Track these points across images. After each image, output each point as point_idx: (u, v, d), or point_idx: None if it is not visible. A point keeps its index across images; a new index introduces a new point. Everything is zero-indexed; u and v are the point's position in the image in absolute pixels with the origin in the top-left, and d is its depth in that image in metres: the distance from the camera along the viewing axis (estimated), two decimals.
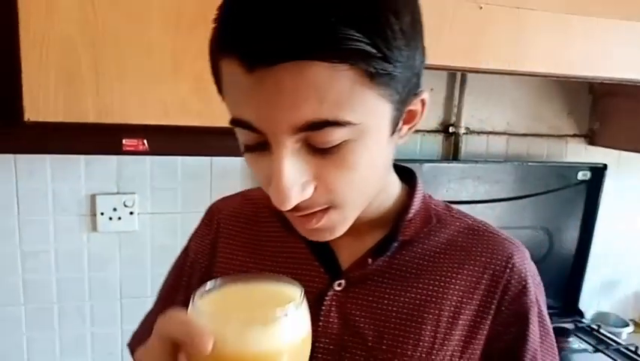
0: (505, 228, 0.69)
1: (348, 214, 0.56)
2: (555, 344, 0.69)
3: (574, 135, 1.81)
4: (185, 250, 0.78)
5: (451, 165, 1.63)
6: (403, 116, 0.54)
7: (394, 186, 0.67)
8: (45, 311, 1.39)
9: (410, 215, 0.65)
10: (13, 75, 0.89)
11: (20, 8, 0.88)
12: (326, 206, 0.53)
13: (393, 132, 0.54)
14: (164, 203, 1.44)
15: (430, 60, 1.13)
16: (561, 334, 1.68)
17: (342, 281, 0.64)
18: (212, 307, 0.45)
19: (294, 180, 0.49)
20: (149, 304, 0.79)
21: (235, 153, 1.09)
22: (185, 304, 0.73)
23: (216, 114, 0.98)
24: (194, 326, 0.43)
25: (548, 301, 0.69)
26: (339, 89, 0.46)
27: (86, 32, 0.92)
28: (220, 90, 0.53)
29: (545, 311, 0.68)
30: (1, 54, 0.89)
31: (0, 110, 0.90)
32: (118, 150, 0.98)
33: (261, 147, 0.50)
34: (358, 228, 0.61)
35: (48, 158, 1.33)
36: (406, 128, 0.57)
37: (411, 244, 0.65)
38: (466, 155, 1.68)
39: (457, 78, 1.64)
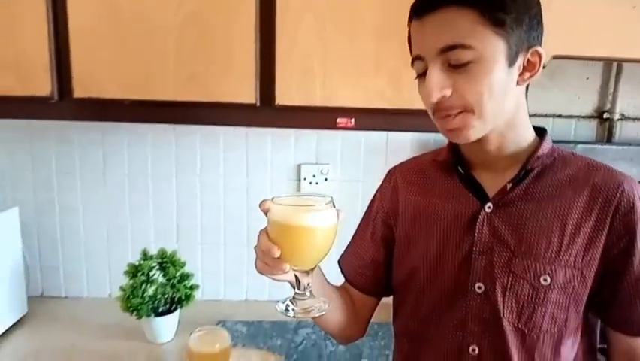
0: None
1: (477, 120, 0.80)
2: None
3: None
4: (372, 201, 1.09)
5: (604, 147, 1.75)
6: (518, 56, 0.78)
7: (529, 135, 0.89)
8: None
9: (539, 154, 0.86)
10: (270, 75, 1.31)
11: (278, 27, 1.29)
12: (460, 109, 0.79)
13: (510, 65, 0.78)
14: (350, 172, 1.81)
15: (582, 52, 1.37)
16: None
17: (490, 204, 0.87)
18: (282, 204, 0.77)
19: (437, 83, 0.78)
20: (336, 253, 1.06)
21: (413, 129, 1.39)
22: (373, 237, 1.08)
23: (405, 99, 1.31)
24: (269, 242, 0.76)
25: None
26: (465, 25, 0.75)
27: (317, 47, 1.29)
28: (411, 50, 0.85)
29: None
30: (264, 59, 1.30)
31: (261, 97, 1.32)
32: (333, 126, 1.35)
33: (424, 74, 0.80)
34: (498, 165, 0.88)
35: (269, 134, 1.78)
36: (527, 74, 0.81)
37: (541, 177, 0.86)
38: (620, 139, 1.80)
39: (612, 68, 1.76)
